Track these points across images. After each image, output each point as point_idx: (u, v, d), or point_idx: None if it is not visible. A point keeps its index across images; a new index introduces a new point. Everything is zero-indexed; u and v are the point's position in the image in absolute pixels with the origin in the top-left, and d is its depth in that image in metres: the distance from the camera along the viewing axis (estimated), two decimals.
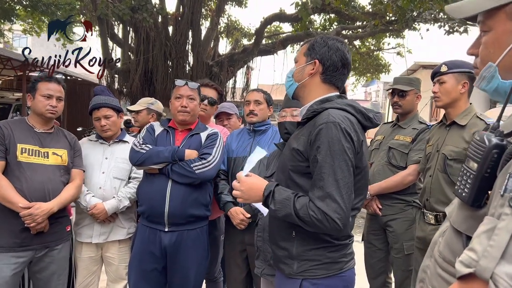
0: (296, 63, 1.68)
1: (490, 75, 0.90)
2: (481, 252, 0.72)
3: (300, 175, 1.54)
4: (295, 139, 1.58)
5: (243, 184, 1.58)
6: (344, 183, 1.42)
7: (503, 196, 0.73)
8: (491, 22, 0.89)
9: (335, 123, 1.44)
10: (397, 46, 12.61)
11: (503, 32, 0.87)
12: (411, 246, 2.69)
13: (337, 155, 1.42)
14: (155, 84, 9.55)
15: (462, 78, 2.38)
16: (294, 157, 1.55)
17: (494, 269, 0.69)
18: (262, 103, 2.69)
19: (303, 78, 1.63)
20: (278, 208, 1.48)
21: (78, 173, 2.54)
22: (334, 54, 1.59)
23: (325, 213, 1.40)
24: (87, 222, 2.66)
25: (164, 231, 2.39)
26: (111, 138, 2.78)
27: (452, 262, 0.88)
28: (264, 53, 10.88)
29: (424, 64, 15.48)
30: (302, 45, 1.69)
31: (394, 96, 2.92)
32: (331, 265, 1.54)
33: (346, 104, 1.54)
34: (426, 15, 8.36)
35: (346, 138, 1.44)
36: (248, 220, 2.50)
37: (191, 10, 9.38)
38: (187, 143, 2.50)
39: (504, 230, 0.70)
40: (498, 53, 0.88)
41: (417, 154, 2.72)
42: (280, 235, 1.62)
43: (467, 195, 0.86)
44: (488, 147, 0.81)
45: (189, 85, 2.54)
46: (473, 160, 0.85)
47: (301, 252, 1.55)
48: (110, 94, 2.85)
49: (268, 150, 2.53)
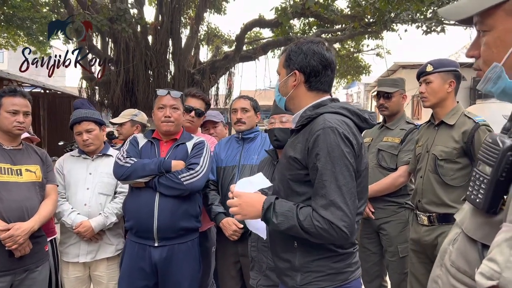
0: (279, 76, 1.64)
1: (496, 76, 0.86)
2: (503, 263, 0.68)
3: (300, 183, 1.48)
4: (291, 147, 1.53)
5: (241, 199, 1.51)
6: (347, 189, 1.37)
7: None
8: (491, 21, 0.85)
9: (332, 128, 1.39)
10: (376, 47, 12.81)
11: (505, 31, 0.84)
12: (405, 248, 2.67)
13: (338, 160, 1.37)
14: (136, 94, 9.43)
15: (449, 77, 2.37)
16: (292, 166, 1.50)
17: None
18: (249, 110, 2.65)
19: (288, 91, 1.58)
20: (281, 221, 1.42)
21: (52, 188, 2.45)
22: (312, 59, 1.52)
23: (330, 222, 1.34)
24: (73, 241, 2.56)
25: (153, 246, 2.32)
26: (94, 153, 2.69)
27: (468, 273, 0.85)
28: (246, 59, 10.86)
29: (403, 64, 15.72)
30: (280, 55, 1.65)
31: (379, 99, 2.91)
32: (336, 276, 1.49)
33: (340, 107, 1.50)
34: (404, 16, 8.47)
35: (345, 142, 1.39)
36: (241, 231, 2.44)
37: (170, 19, 9.32)
38: (172, 154, 2.43)
39: None
40: (503, 52, 0.84)
41: (406, 155, 2.71)
42: (282, 246, 1.56)
43: (482, 201, 0.81)
44: (502, 149, 0.77)
45: (172, 94, 2.47)
46: (486, 163, 0.81)
47: (304, 263, 1.49)
48: (91, 107, 2.76)
49: (258, 158, 2.48)
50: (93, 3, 8.90)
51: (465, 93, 13.89)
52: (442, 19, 8.39)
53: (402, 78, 3.02)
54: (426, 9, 8.32)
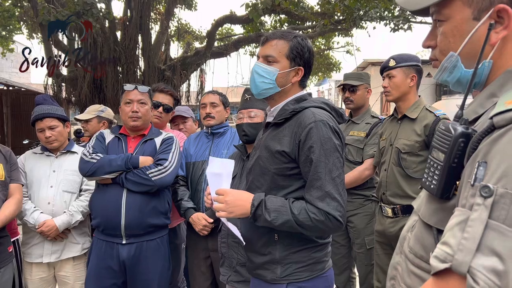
0: (273, 63, 1.53)
1: (452, 65, 0.88)
2: (455, 246, 0.69)
3: (286, 177, 1.49)
4: (275, 141, 1.52)
5: (228, 196, 1.49)
6: (340, 180, 1.43)
7: (474, 186, 0.71)
8: (448, 11, 0.86)
9: (323, 121, 1.43)
10: (346, 44, 12.97)
11: (462, 20, 0.85)
12: (372, 240, 2.73)
13: (331, 153, 1.42)
14: (105, 91, 9.21)
15: (410, 72, 2.43)
16: (277, 160, 1.49)
17: (470, 262, 0.67)
18: (219, 105, 2.63)
19: (286, 84, 1.55)
20: (274, 217, 1.42)
21: (17, 188, 2.36)
22: (311, 59, 1.58)
23: (327, 213, 1.39)
24: (36, 241, 2.48)
25: (121, 243, 2.27)
26: (58, 150, 2.61)
27: (424, 257, 0.86)
28: (217, 55, 10.79)
29: (372, 61, 16.02)
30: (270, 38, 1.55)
31: (345, 92, 2.96)
32: (315, 265, 1.52)
33: (321, 102, 1.54)
34: (372, 14, 8.62)
35: (335, 135, 1.45)
36: (211, 226, 2.43)
37: (139, 14, 9.14)
38: (140, 150, 2.39)
39: (478, 221, 0.68)
40: (459, 42, 0.86)
41: (372, 149, 2.77)
42: (261, 241, 1.56)
43: (436, 187, 0.83)
44: (454, 136, 0.78)
45: (139, 89, 2.43)
46: (439, 150, 0.83)
47: (285, 255, 1.51)
48: (54, 103, 2.67)
49: (228, 153, 2.47)
50: None
51: (431, 90, 14.29)
52: (409, 17, 8.60)
53: (367, 72, 3.09)
54: (393, 7, 8.50)
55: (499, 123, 0.71)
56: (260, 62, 1.57)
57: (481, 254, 0.66)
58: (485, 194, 0.68)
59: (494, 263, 0.65)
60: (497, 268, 0.64)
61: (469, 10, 0.83)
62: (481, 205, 0.68)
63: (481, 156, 0.72)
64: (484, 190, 0.68)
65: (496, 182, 0.68)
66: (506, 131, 0.70)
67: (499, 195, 0.67)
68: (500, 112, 0.72)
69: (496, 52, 0.83)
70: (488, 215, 0.67)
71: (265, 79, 1.54)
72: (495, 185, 0.67)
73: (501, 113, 0.72)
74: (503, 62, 0.83)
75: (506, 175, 0.67)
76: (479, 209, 0.68)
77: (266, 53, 1.55)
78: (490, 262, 0.65)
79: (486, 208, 0.67)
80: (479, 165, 0.71)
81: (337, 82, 22.80)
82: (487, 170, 0.70)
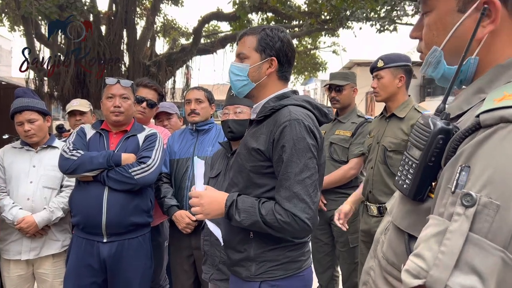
0: (244, 59, 1.53)
1: (436, 60, 0.82)
2: (431, 260, 0.62)
3: (261, 175, 1.47)
4: (253, 138, 1.50)
5: (203, 198, 1.48)
6: (311, 181, 1.39)
7: (454, 193, 0.63)
8: (432, 1, 0.81)
9: (298, 120, 1.40)
10: (333, 44, 13.02)
11: (446, 12, 0.79)
12: (355, 238, 2.74)
13: (303, 153, 1.38)
14: (88, 86, 9.05)
15: (398, 72, 2.44)
16: (253, 157, 1.47)
17: (447, 280, 0.59)
18: (204, 101, 2.60)
19: (260, 78, 1.53)
20: (244, 218, 1.41)
21: None
22: (288, 48, 1.53)
23: (293, 214, 1.35)
24: (14, 238, 2.42)
25: (102, 242, 2.23)
26: (38, 144, 2.55)
27: (396, 265, 0.81)
28: (203, 52, 10.72)
29: (358, 61, 16.16)
30: (242, 35, 1.56)
31: (331, 92, 2.96)
32: (290, 264, 1.50)
33: (303, 100, 1.51)
34: (359, 14, 8.67)
35: (310, 135, 1.41)
36: (194, 224, 2.40)
37: (124, 8, 9.00)
38: (123, 147, 2.34)
39: (457, 233, 0.61)
40: (442, 35, 0.80)
41: (357, 148, 2.78)
42: (237, 237, 1.54)
43: (408, 187, 0.76)
44: (433, 132, 0.71)
45: (122, 83, 2.37)
46: (415, 147, 0.75)
47: (259, 253, 1.49)
48: (35, 96, 2.61)
49: (213, 150, 2.45)
50: None
51: (415, 91, 14.48)
52: (394, 18, 8.68)
53: (353, 72, 3.09)
54: (380, 8, 8.56)
55: (486, 122, 0.64)
56: (234, 61, 1.57)
57: (460, 272, 0.59)
58: (467, 203, 0.61)
59: (474, 283, 0.58)
60: None
61: (454, 1, 0.78)
62: (461, 215, 0.61)
63: (464, 159, 0.64)
64: (466, 199, 0.61)
65: (479, 190, 0.61)
66: (493, 131, 0.63)
67: (482, 205, 0.60)
68: (488, 110, 0.65)
69: (483, 48, 0.76)
70: (469, 227, 0.60)
71: (239, 76, 1.54)
72: (478, 194, 0.60)
73: (489, 111, 0.65)
74: (491, 58, 0.77)
75: (491, 183, 0.60)
76: (460, 220, 0.61)
77: (238, 51, 1.56)
78: (469, 281, 0.58)
79: (467, 219, 0.61)
80: (462, 170, 0.64)
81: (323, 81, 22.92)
82: (470, 176, 0.62)
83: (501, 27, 0.75)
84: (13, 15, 10.53)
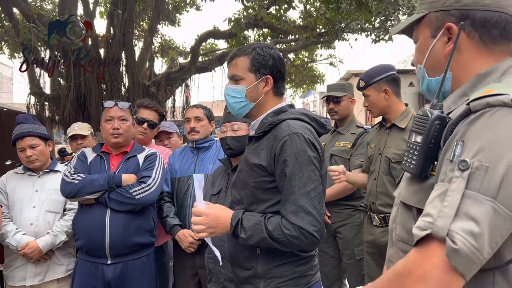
0: (240, 81, 1.53)
1: (421, 76, 1.04)
2: (436, 214, 0.76)
3: (264, 190, 1.47)
4: (254, 154, 1.50)
5: (208, 217, 1.44)
6: (316, 193, 1.39)
7: (452, 162, 0.78)
8: (416, 33, 1.05)
9: (298, 134, 1.41)
10: (329, 56, 13.11)
11: (424, 39, 1.02)
12: (361, 250, 2.72)
13: (305, 166, 1.39)
14: (89, 108, 9.09)
15: (381, 86, 2.42)
16: (256, 173, 1.48)
17: (449, 226, 0.73)
18: (203, 119, 2.62)
19: (258, 97, 1.54)
20: (250, 235, 1.40)
21: None
22: (280, 64, 1.56)
23: (300, 228, 1.35)
24: (19, 264, 2.42)
25: (106, 264, 2.23)
26: (40, 169, 2.56)
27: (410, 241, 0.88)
28: (202, 70, 10.80)
29: (355, 72, 16.23)
30: (232, 57, 1.56)
31: (329, 103, 2.97)
32: (299, 279, 1.48)
33: (300, 113, 1.53)
34: (354, 26, 8.77)
35: (311, 148, 1.42)
36: (197, 243, 2.40)
37: (122, 31, 9.09)
38: (123, 168, 2.36)
39: (456, 191, 0.75)
40: (423, 56, 1.02)
41: (358, 159, 2.77)
42: (244, 254, 1.53)
43: (415, 166, 0.90)
44: (431, 119, 0.87)
45: (119, 105, 2.41)
46: (417, 133, 0.90)
47: (267, 269, 1.48)
48: (36, 122, 2.64)
49: (213, 167, 2.45)
50: (39, 15, 8.58)
51: (413, 99, 14.52)
52: (388, 28, 8.76)
53: (350, 83, 3.11)
54: (374, 19, 8.65)
55: (475, 107, 0.80)
56: (229, 83, 1.58)
57: (459, 219, 0.73)
58: (463, 168, 0.76)
59: (471, 226, 0.72)
60: (473, 231, 0.72)
61: (428, 30, 1.00)
62: (459, 177, 0.76)
63: (459, 136, 0.80)
64: (462, 164, 0.76)
65: (472, 157, 0.76)
66: (481, 114, 0.79)
67: (475, 168, 0.75)
68: (476, 98, 0.81)
69: (455, 64, 0.94)
70: (465, 185, 0.75)
71: (237, 98, 1.55)
72: (471, 159, 0.75)
73: (477, 99, 0.81)
74: (464, 73, 0.95)
75: (481, 151, 0.75)
76: (457, 181, 0.76)
77: (231, 73, 1.57)
78: (467, 225, 0.72)
79: (463, 179, 0.75)
80: (457, 144, 0.79)
81: (321, 93, 23.02)
82: (464, 148, 0.78)
83: (464, 48, 0.94)
84: (12, 42, 10.67)
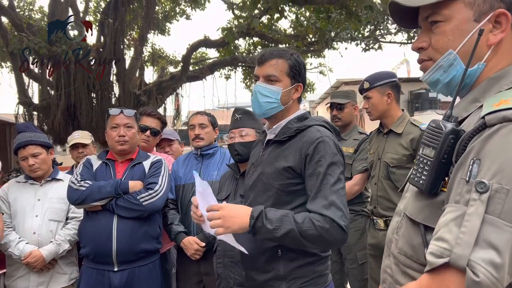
0: (276, 82, 1.55)
1: (448, 63, 0.91)
2: (453, 240, 0.71)
3: (288, 193, 1.50)
4: (282, 158, 1.52)
5: (224, 210, 1.42)
6: (343, 193, 1.45)
7: (469, 182, 0.73)
8: (448, 12, 0.90)
9: (329, 137, 1.49)
10: (319, 65, 13.23)
11: (463, 20, 0.89)
12: (364, 255, 2.74)
13: (336, 167, 1.45)
14: (79, 118, 9.02)
15: (385, 90, 2.49)
16: (282, 176, 1.50)
17: (469, 256, 0.68)
18: (207, 126, 2.63)
19: (288, 101, 1.58)
20: (277, 227, 1.37)
21: None
22: (305, 74, 1.64)
23: (332, 220, 1.37)
24: (21, 273, 2.38)
25: (113, 271, 2.21)
26: (42, 178, 2.54)
27: (414, 257, 0.88)
28: (193, 79, 10.82)
29: (345, 80, 16.42)
30: (269, 57, 1.57)
31: (333, 110, 3.01)
32: (319, 279, 1.51)
33: (323, 121, 1.59)
34: (344, 35, 8.88)
35: (339, 152, 1.49)
36: (203, 249, 2.39)
37: (113, 40, 9.09)
38: (129, 174, 2.35)
39: (475, 216, 0.70)
40: (458, 40, 0.89)
41: (360, 164, 2.81)
42: (263, 257, 1.54)
43: (425, 182, 0.85)
44: (445, 132, 0.82)
45: (125, 112, 2.41)
46: (429, 146, 0.85)
47: (289, 271, 1.49)
48: (37, 130, 2.62)
49: (218, 174, 2.46)
50: (29, 25, 8.51)
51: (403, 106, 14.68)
52: (378, 37, 8.91)
53: (353, 90, 3.16)
54: (363, 28, 8.79)
55: (491, 122, 0.75)
56: (262, 82, 1.57)
57: (479, 248, 0.69)
58: (481, 190, 0.71)
59: (492, 256, 0.68)
60: (495, 261, 0.67)
61: (471, 12, 0.88)
62: (477, 200, 0.71)
63: (474, 153, 0.75)
64: (480, 186, 0.71)
65: (491, 178, 0.71)
66: (498, 129, 0.74)
67: (494, 190, 0.70)
68: (492, 111, 0.76)
69: (491, 54, 0.87)
70: (485, 209, 0.70)
71: (270, 98, 1.55)
72: (490, 181, 0.71)
73: (493, 113, 0.76)
74: (494, 63, 0.88)
75: (500, 171, 0.71)
76: (475, 204, 0.71)
77: (268, 72, 1.56)
78: (488, 255, 0.68)
79: (482, 203, 0.71)
80: (473, 162, 0.74)
81: (311, 102, 23.18)
82: (481, 167, 0.73)
83: (505, 38, 0.87)
84: (0, 52, 10.54)
